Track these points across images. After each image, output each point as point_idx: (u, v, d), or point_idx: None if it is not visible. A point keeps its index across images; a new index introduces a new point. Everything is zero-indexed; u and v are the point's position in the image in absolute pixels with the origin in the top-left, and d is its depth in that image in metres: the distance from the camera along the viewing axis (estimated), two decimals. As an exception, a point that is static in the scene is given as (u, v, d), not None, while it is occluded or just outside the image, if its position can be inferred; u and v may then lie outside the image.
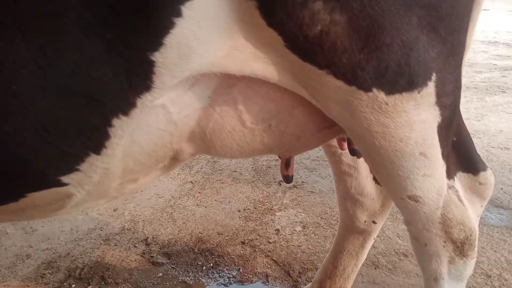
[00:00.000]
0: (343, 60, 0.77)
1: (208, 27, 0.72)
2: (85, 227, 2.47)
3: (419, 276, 1.95)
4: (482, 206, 1.11)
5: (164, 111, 0.78)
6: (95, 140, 0.75)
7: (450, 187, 1.02)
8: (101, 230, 2.45)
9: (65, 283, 2.06)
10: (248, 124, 0.90)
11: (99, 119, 0.73)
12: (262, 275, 2.03)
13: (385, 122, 0.84)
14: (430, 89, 0.84)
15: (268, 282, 1.99)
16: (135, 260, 2.16)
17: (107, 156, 0.77)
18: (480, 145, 3.32)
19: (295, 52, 0.77)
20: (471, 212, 1.06)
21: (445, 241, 1.03)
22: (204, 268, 2.08)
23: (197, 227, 2.40)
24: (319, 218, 2.43)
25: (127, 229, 2.42)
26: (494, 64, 6.00)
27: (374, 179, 1.40)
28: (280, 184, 2.79)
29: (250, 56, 0.78)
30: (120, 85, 0.71)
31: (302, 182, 2.81)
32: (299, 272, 2.03)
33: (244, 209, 2.54)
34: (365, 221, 1.42)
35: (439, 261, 1.05)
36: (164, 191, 2.77)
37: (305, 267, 2.05)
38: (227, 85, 0.85)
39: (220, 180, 2.90)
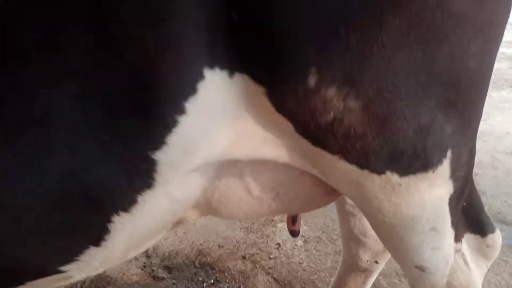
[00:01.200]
0: (357, 147, 0.74)
1: (214, 120, 0.69)
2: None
3: (418, 299, 1.95)
4: (487, 266, 1.10)
5: (167, 197, 0.76)
6: (94, 236, 0.74)
7: (457, 250, 1.00)
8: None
9: (66, 296, 2.07)
10: (256, 193, 0.88)
11: (97, 217, 0.71)
12: (263, 293, 2.04)
13: (397, 202, 0.82)
14: (445, 166, 0.82)
15: (269, 300, 2.00)
16: (136, 274, 2.17)
17: (107, 247, 0.75)
18: (485, 149, 3.18)
19: (306, 138, 0.74)
20: (476, 275, 1.05)
21: (449, 306, 1.02)
22: (204, 284, 2.08)
23: (198, 238, 2.40)
24: (321, 231, 2.43)
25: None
26: (501, 53, 5.26)
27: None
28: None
29: (259, 141, 0.75)
30: (119, 185, 0.69)
31: (304, 191, 2.80)
32: (299, 291, 2.04)
33: (245, 220, 2.54)
34: (367, 261, 1.41)
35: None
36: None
37: (306, 287, 2.06)
38: (233, 161, 0.82)
39: (221, 186, 2.89)
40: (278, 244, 2.33)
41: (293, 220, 1.15)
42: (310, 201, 0.94)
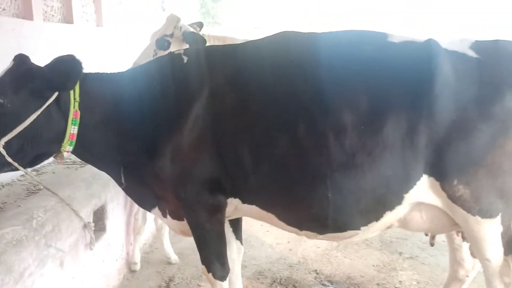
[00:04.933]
0: None
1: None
2: (275, 255, 4.05)
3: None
4: None
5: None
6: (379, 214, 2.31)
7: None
8: (285, 260, 4.01)
9: (272, 285, 3.61)
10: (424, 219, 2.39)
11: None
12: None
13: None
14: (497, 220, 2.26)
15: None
16: (312, 281, 3.66)
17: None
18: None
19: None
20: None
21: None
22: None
23: (346, 271, 3.84)
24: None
25: (302, 263, 3.95)
26: None
27: (471, 254, 2.78)
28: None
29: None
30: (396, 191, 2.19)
31: (412, 253, 4.18)
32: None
33: (375, 264, 3.96)
34: (462, 275, 2.81)
35: None
36: (321, 243, 4.26)
37: None
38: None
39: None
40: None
41: (432, 237, 2.61)
42: (447, 227, 2.42)
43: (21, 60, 2.37)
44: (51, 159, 2.65)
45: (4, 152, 2.22)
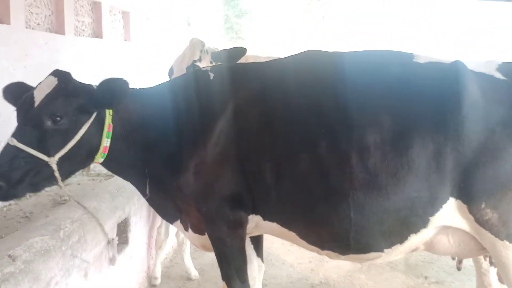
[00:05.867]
0: None
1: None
2: (296, 275, 4.01)
3: None
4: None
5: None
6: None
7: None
8: (306, 280, 3.96)
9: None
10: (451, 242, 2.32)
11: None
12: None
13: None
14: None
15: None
16: None
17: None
18: None
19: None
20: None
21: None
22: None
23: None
24: None
25: (323, 284, 3.90)
26: None
27: (498, 280, 2.70)
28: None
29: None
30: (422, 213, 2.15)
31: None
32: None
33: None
34: (490, 301, 2.73)
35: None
36: (344, 263, 4.19)
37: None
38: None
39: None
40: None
41: (459, 261, 2.54)
42: (474, 251, 2.35)
43: (64, 77, 2.39)
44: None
45: (55, 168, 2.22)
